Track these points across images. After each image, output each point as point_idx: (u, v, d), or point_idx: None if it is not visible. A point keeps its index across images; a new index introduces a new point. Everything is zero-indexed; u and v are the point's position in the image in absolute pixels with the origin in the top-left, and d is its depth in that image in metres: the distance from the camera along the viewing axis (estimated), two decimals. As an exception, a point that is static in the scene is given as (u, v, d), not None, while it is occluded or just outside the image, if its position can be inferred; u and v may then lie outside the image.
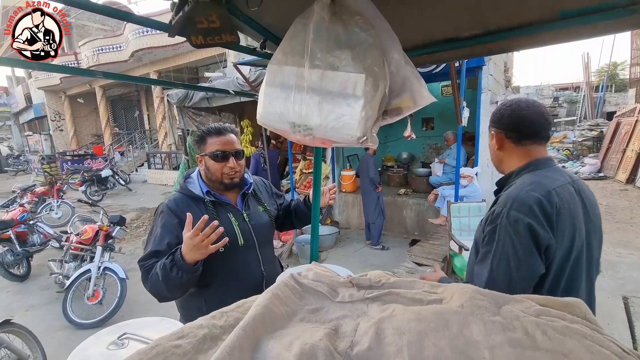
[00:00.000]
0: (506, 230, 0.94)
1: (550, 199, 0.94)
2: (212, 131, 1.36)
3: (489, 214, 1.01)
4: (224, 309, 0.60)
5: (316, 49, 0.72)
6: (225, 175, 1.34)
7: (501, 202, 0.99)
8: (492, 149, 1.17)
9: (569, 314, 0.41)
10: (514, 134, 1.09)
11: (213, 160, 1.32)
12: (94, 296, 3.62)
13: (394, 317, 0.50)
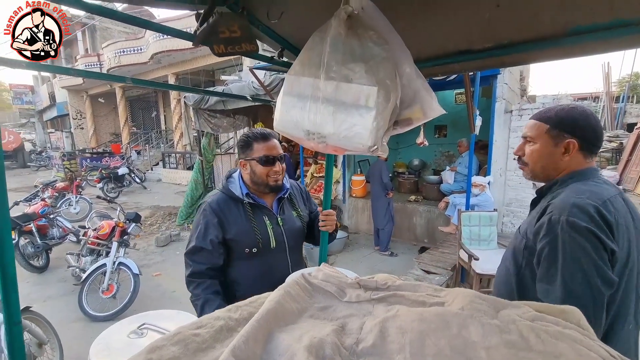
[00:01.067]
0: (571, 237, 0.86)
1: (607, 208, 0.89)
2: (259, 136, 1.42)
3: (543, 223, 0.92)
4: (239, 303, 0.65)
5: (332, 61, 0.76)
6: (270, 178, 1.41)
7: (556, 209, 0.91)
8: (548, 153, 1.04)
9: (563, 320, 0.43)
10: (590, 145, 1.02)
11: (261, 164, 1.39)
12: (108, 290, 3.73)
13: (398, 317, 0.54)
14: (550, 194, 1.04)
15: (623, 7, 0.92)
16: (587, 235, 0.86)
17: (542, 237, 0.92)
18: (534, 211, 1.06)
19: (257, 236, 1.39)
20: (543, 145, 1.05)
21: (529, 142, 1.08)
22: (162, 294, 4.28)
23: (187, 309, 1.42)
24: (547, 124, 1.04)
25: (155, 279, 4.73)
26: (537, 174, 1.09)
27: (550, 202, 0.97)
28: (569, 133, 1.01)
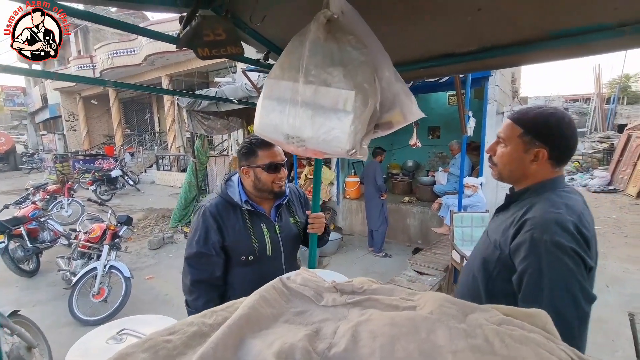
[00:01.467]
0: (557, 258, 0.85)
1: (583, 223, 0.89)
2: (262, 143, 1.38)
3: (524, 242, 0.89)
4: (214, 309, 0.64)
5: (311, 65, 0.76)
6: (275, 185, 1.41)
7: (537, 226, 0.88)
8: (517, 158, 1.02)
9: (529, 324, 0.44)
10: (560, 155, 1.00)
11: (266, 171, 1.38)
12: (99, 294, 3.70)
13: (370, 321, 0.54)
14: (521, 201, 1.02)
15: (600, 12, 0.93)
16: (571, 255, 0.85)
17: (525, 257, 0.89)
18: (505, 217, 1.03)
19: (253, 244, 1.39)
20: (513, 149, 1.02)
21: (501, 143, 1.06)
22: (154, 297, 4.25)
23: (180, 312, 1.41)
24: (522, 127, 1.01)
25: (147, 282, 4.69)
26: (504, 177, 1.08)
27: (526, 214, 0.94)
28: (541, 141, 0.98)
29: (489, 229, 1.10)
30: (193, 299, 1.35)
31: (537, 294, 0.86)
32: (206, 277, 1.36)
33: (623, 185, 9.93)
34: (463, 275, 1.16)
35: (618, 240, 5.98)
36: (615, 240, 5.97)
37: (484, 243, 1.09)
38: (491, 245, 1.01)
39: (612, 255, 5.26)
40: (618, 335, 3.24)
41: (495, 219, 1.12)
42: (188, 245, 1.38)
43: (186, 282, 1.37)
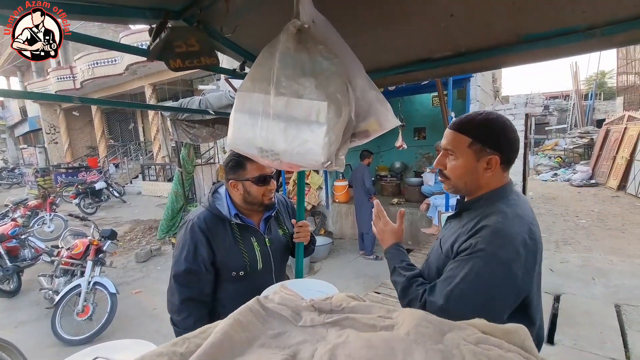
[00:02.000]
0: (485, 265, 0.85)
1: (532, 235, 0.90)
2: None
3: (468, 246, 0.90)
4: (186, 335, 0.61)
5: (282, 77, 0.75)
6: (266, 197, 1.38)
7: (486, 237, 0.88)
8: (471, 168, 0.99)
9: (506, 342, 0.42)
10: (509, 159, 0.99)
11: (256, 184, 1.34)
12: (83, 312, 3.58)
13: (347, 343, 0.52)
14: (474, 210, 1.00)
15: (569, 16, 0.95)
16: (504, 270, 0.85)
17: (464, 256, 0.89)
18: (457, 226, 1.02)
19: (244, 259, 1.35)
20: (466, 161, 0.98)
21: (450, 156, 1.01)
22: (142, 312, 4.14)
23: (170, 327, 1.36)
24: (469, 137, 0.97)
25: (135, 297, 4.57)
26: (460, 189, 1.05)
27: (479, 223, 0.92)
28: (492, 148, 0.96)
29: (442, 238, 1.08)
30: (182, 319, 1.30)
31: (452, 274, 0.88)
32: (196, 295, 1.31)
33: (604, 178, 10.22)
34: None
35: (602, 233, 6.12)
36: (599, 233, 6.11)
37: (436, 252, 1.06)
38: (442, 255, 1.01)
39: (597, 248, 5.38)
40: (605, 327, 3.29)
41: (447, 227, 1.10)
42: (175, 262, 1.32)
43: (174, 301, 1.31)
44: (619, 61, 12.35)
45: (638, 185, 8.29)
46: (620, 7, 0.87)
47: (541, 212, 7.71)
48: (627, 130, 9.69)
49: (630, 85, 11.77)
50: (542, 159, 13.55)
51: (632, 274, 4.37)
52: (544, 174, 12.28)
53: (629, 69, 11.78)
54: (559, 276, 4.35)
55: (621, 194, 8.87)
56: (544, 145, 15.04)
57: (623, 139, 9.66)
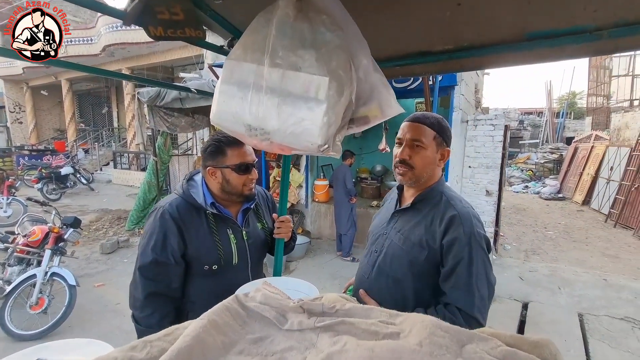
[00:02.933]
0: (479, 249, 0.98)
1: None
2: (232, 141, 1.24)
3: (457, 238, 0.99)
4: (148, 338, 0.51)
5: (278, 46, 0.66)
6: (246, 187, 1.28)
7: (465, 221, 1.00)
8: (433, 159, 1.11)
9: (538, 357, 0.36)
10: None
11: (237, 173, 1.24)
12: (37, 304, 3.30)
13: (345, 352, 0.44)
14: (429, 199, 1.10)
15: (579, 14, 0.91)
16: (486, 242, 1.01)
17: (460, 251, 0.98)
18: (417, 217, 1.10)
19: (219, 252, 1.24)
20: (431, 152, 1.09)
21: (418, 147, 1.09)
22: (104, 307, 3.88)
23: (131, 324, 1.23)
24: (434, 130, 1.09)
25: (97, 290, 4.29)
26: (421, 179, 1.12)
27: (447, 210, 1.04)
28: (447, 142, 1.11)
29: (402, 231, 1.12)
30: (146, 315, 1.18)
31: (469, 281, 0.96)
32: (162, 290, 1.19)
33: (570, 193, 10.74)
34: (375, 282, 1.16)
35: (567, 245, 6.40)
36: (565, 245, 6.39)
37: (403, 245, 1.10)
38: (416, 246, 1.06)
39: (563, 259, 5.61)
40: (569, 335, 3.41)
41: (401, 221, 1.16)
42: (142, 253, 1.20)
43: (137, 296, 1.19)
44: (589, 83, 13.03)
45: (601, 200, 8.76)
46: (631, 8, 0.85)
47: (512, 222, 7.98)
48: (593, 149, 10.23)
49: (599, 107, 12.45)
50: (515, 171, 14.08)
51: (594, 285, 4.57)
52: (516, 186, 12.76)
53: (598, 91, 12.45)
54: (527, 284, 4.49)
55: (585, 209, 9.35)
56: (517, 158, 15.65)
57: (589, 157, 10.20)
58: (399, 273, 1.09)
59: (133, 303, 1.21)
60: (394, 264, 1.10)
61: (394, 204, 1.24)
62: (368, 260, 1.22)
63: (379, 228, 1.24)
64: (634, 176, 7.46)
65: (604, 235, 7.02)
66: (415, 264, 1.05)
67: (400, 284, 1.09)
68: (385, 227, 1.20)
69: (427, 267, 1.04)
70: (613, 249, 6.14)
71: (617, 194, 7.86)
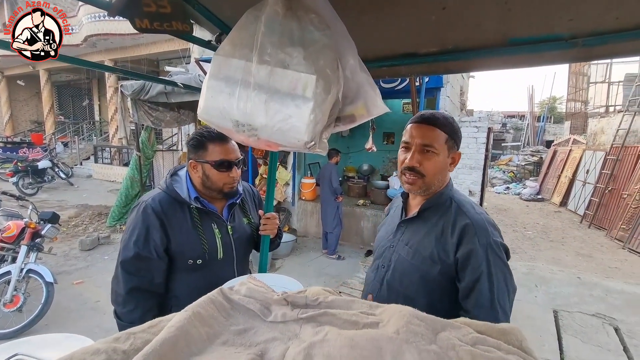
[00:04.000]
0: (497, 260, 0.89)
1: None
2: (215, 137, 1.23)
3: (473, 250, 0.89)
4: (132, 329, 0.51)
5: (267, 43, 0.66)
6: (226, 185, 1.27)
7: (479, 231, 0.90)
8: (444, 165, 1.00)
9: (505, 343, 0.38)
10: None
11: (216, 169, 1.23)
12: (12, 302, 3.18)
13: (326, 342, 0.45)
14: (438, 206, 1.00)
15: (556, 22, 0.96)
16: (504, 251, 0.93)
17: (478, 265, 0.88)
18: (426, 227, 1.00)
19: (203, 246, 1.23)
20: (443, 157, 0.98)
21: (430, 152, 0.97)
22: (82, 305, 3.78)
23: (113, 322, 1.21)
24: (445, 133, 0.97)
25: (75, 288, 4.17)
26: (431, 188, 1.00)
27: (457, 219, 0.94)
28: (458, 145, 1.01)
29: (410, 243, 1.02)
30: (128, 311, 1.17)
31: (491, 297, 0.88)
32: (145, 285, 1.19)
33: (549, 194, 11.12)
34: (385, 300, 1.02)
35: (545, 244, 6.63)
36: (542, 244, 6.62)
37: (412, 260, 1.00)
38: (427, 260, 0.96)
39: (540, 258, 5.81)
40: (544, 330, 3.54)
41: (409, 232, 1.05)
42: (124, 248, 1.19)
43: (119, 291, 1.18)
44: (569, 89, 13.49)
45: (577, 202, 9.11)
46: (604, 19, 0.90)
47: (493, 222, 8.20)
48: (571, 152, 10.61)
49: (577, 112, 12.92)
50: (497, 173, 14.46)
51: (568, 283, 4.76)
52: (497, 187, 13.11)
53: (577, 97, 12.91)
54: (507, 282, 4.63)
55: (563, 210, 9.70)
56: (500, 160, 16.08)
57: (568, 160, 10.58)
58: (411, 290, 0.99)
59: (115, 299, 1.20)
60: (404, 281, 1.01)
61: (399, 213, 1.13)
62: (375, 276, 1.12)
63: (385, 240, 1.14)
64: (607, 179, 7.78)
65: (579, 235, 7.31)
66: (427, 279, 0.96)
67: (412, 303, 0.95)
68: (391, 240, 1.10)
69: (441, 282, 0.94)
70: (587, 249, 6.40)
71: (592, 196, 8.19)
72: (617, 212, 7.18)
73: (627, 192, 7.03)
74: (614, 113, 9.61)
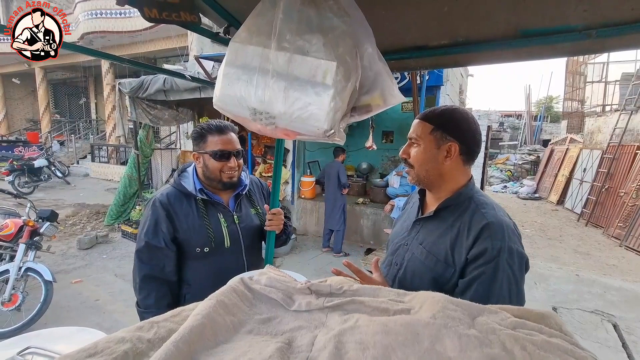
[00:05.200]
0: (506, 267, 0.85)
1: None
2: (213, 129, 1.32)
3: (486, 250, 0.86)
4: (155, 319, 0.50)
5: (285, 30, 0.65)
6: (224, 175, 1.32)
7: (495, 233, 0.87)
8: (431, 155, 0.97)
9: (546, 327, 0.38)
10: (469, 150, 0.98)
11: (213, 159, 1.30)
12: (10, 301, 3.14)
13: (357, 328, 0.44)
14: (456, 207, 0.97)
15: (570, 13, 0.95)
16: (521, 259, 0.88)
17: (483, 264, 0.86)
18: (440, 227, 0.97)
19: (209, 235, 1.30)
20: (427, 147, 0.97)
21: (414, 144, 0.99)
22: (81, 304, 3.74)
23: (112, 322, 1.21)
24: (431, 124, 0.97)
25: (74, 287, 4.13)
26: (422, 178, 1.01)
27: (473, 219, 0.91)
28: (451, 136, 0.96)
29: (424, 243, 1.00)
30: (143, 297, 1.26)
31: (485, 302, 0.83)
32: (157, 273, 1.27)
33: (546, 193, 11.18)
34: None
35: (542, 242, 6.66)
36: (540, 242, 6.65)
37: (425, 260, 0.97)
38: (440, 263, 0.94)
39: (538, 256, 5.84)
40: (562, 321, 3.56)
41: (424, 231, 1.03)
42: (138, 239, 1.30)
43: (136, 279, 1.28)
44: (566, 88, 13.56)
45: (575, 200, 9.16)
46: (619, 9, 0.89)
47: (492, 220, 8.23)
48: (568, 151, 10.67)
49: (574, 111, 12.99)
50: (494, 172, 14.52)
51: (567, 280, 4.79)
52: (495, 186, 13.16)
53: (574, 96, 12.98)
54: (506, 280, 4.65)
55: (560, 208, 9.76)
56: (497, 159, 16.15)
57: (564, 159, 10.64)
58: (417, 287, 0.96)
59: (134, 286, 1.29)
60: (415, 281, 0.98)
61: (416, 210, 1.11)
62: (388, 272, 1.10)
63: (400, 237, 1.11)
64: (604, 178, 7.84)
65: (576, 233, 7.35)
66: (439, 282, 0.93)
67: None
68: (406, 237, 1.08)
69: (454, 285, 0.91)
70: (585, 247, 6.44)
71: (589, 195, 8.24)
72: (614, 210, 7.23)
73: (623, 191, 7.08)
74: (610, 112, 9.68)
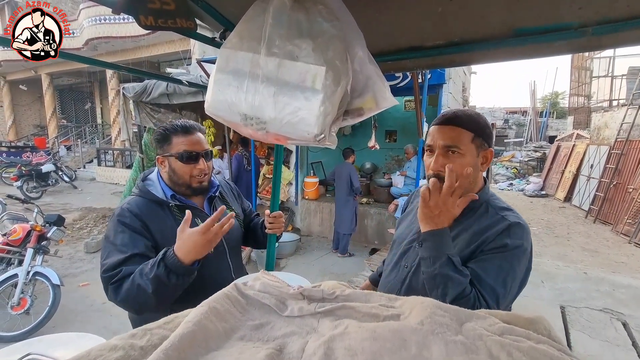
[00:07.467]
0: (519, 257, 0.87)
1: None
2: (178, 129, 1.20)
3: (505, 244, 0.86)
4: (148, 326, 0.50)
5: (274, 35, 0.66)
6: (194, 178, 1.22)
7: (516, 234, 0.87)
8: (475, 165, 0.92)
9: (533, 332, 0.37)
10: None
11: (180, 161, 1.18)
12: (19, 305, 3.19)
13: (347, 335, 0.44)
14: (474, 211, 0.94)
15: (565, 10, 0.94)
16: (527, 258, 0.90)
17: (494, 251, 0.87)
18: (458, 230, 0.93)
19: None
20: (471, 157, 0.90)
21: (454, 154, 0.90)
22: (89, 307, 3.79)
23: (119, 323, 1.21)
24: (470, 131, 0.90)
25: (82, 290, 4.18)
26: (467, 190, 0.94)
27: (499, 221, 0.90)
28: (488, 142, 0.93)
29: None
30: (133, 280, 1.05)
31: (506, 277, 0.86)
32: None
33: (553, 190, 11.05)
34: None
35: (550, 240, 6.59)
36: (547, 240, 6.58)
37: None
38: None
39: (545, 254, 5.78)
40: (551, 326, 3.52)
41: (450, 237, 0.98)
42: (105, 259, 1.10)
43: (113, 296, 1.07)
44: (571, 83, 13.41)
45: (582, 197, 9.05)
46: (615, 6, 0.88)
47: (498, 218, 8.16)
48: (575, 147, 10.54)
49: (580, 107, 12.83)
50: (500, 169, 14.39)
51: (575, 278, 4.72)
52: (500, 183, 13.05)
53: (580, 91, 12.83)
54: (513, 278, 4.61)
55: (567, 205, 9.64)
56: (502, 156, 16.00)
57: (571, 155, 10.50)
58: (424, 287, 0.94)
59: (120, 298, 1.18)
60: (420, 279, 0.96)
61: None
62: (397, 275, 1.06)
63: (409, 238, 1.07)
64: (612, 174, 7.73)
65: (584, 230, 7.26)
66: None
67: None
68: (416, 239, 1.02)
69: None
70: (593, 244, 6.36)
71: (597, 191, 8.13)
72: (622, 206, 7.12)
73: (632, 187, 6.97)
74: (617, 107, 9.54)
